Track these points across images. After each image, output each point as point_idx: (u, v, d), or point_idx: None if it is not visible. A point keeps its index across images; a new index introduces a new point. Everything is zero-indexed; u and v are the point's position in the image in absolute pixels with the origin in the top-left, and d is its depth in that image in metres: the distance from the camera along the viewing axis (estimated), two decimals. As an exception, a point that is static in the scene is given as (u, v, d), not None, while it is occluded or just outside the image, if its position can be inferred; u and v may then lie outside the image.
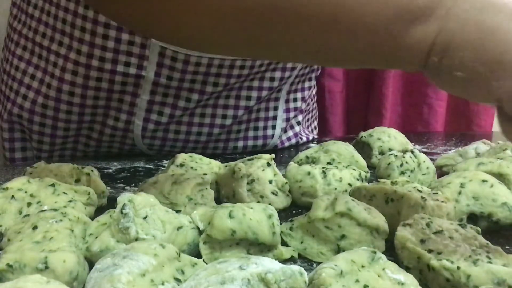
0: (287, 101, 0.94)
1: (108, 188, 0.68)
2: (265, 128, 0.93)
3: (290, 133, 0.98)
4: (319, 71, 1.01)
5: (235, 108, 0.88)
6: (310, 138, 1.05)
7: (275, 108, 0.93)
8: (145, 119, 0.85)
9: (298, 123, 0.99)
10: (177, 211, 0.55)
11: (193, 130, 0.88)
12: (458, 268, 0.44)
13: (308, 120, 1.07)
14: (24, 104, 0.85)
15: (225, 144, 0.92)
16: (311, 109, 1.07)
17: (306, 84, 0.96)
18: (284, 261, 0.51)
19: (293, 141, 0.99)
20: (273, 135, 0.94)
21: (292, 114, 0.95)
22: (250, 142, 0.93)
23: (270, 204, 0.62)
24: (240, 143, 0.93)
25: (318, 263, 0.51)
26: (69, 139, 0.88)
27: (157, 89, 0.82)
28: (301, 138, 1.01)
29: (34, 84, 0.84)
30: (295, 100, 0.95)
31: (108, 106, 0.84)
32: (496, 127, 1.42)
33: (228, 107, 0.88)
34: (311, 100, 1.06)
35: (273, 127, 0.94)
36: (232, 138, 0.92)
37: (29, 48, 0.85)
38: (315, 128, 1.12)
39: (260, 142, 0.93)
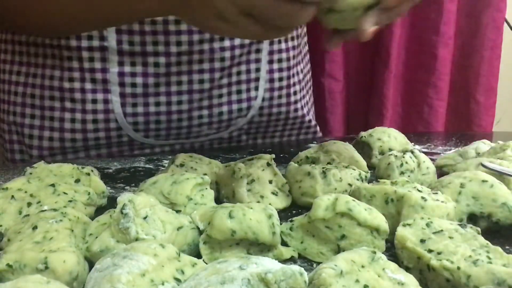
0: (270, 62, 0.95)
1: (108, 188, 0.68)
2: (248, 90, 0.93)
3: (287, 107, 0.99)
4: (300, 30, 1.01)
5: (210, 71, 0.89)
6: (309, 119, 1.05)
7: (257, 70, 0.93)
8: (121, 95, 0.86)
9: (295, 93, 0.99)
10: (177, 211, 0.55)
11: (173, 99, 0.88)
12: (458, 268, 0.44)
13: (303, 96, 1.07)
14: (16, 100, 0.89)
15: (210, 111, 0.92)
16: (309, 84, 1.09)
17: (290, 44, 0.97)
18: (284, 261, 0.51)
19: (292, 113, 1.00)
20: (256, 97, 0.94)
21: (276, 75, 0.96)
22: (235, 106, 0.93)
23: (270, 204, 0.62)
24: (225, 108, 0.93)
25: (318, 263, 0.51)
26: (55, 132, 0.89)
27: (123, 59, 0.84)
28: (304, 116, 1.02)
29: (21, 78, 0.89)
30: (279, 60, 0.96)
31: (83, 89, 0.86)
32: (496, 127, 1.42)
33: (204, 71, 0.88)
34: (308, 74, 1.07)
35: (256, 88, 0.94)
36: (215, 104, 0.92)
37: (10, 50, 0.90)
38: (312, 106, 1.13)
39: (244, 105, 0.94)
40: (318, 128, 1.09)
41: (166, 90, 0.88)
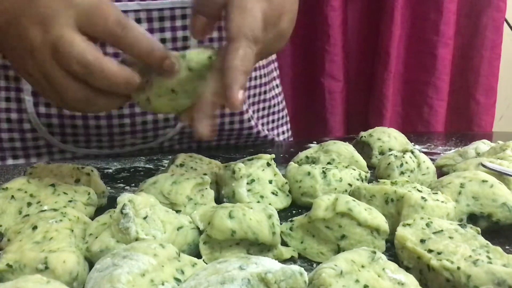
0: None
1: (108, 188, 0.68)
2: None
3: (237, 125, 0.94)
4: None
5: None
6: (270, 137, 1.02)
7: None
8: (33, 93, 0.83)
9: (246, 111, 0.94)
10: (177, 211, 0.55)
11: None
12: (458, 268, 0.44)
13: (273, 121, 1.04)
14: None
15: (132, 120, 0.86)
16: (273, 109, 1.04)
17: None
18: (284, 261, 0.51)
19: (237, 128, 0.94)
20: None
21: None
22: (161, 115, 0.87)
23: (270, 204, 0.62)
24: (149, 117, 0.87)
25: (318, 263, 0.51)
26: None
27: None
28: (258, 132, 0.98)
29: None
30: None
31: None
32: (496, 127, 1.42)
33: None
34: (274, 98, 1.03)
35: None
36: (138, 112, 0.86)
37: None
38: (283, 132, 1.09)
39: (172, 114, 0.85)
40: (270, 136, 1.03)
41: None
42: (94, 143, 0.88)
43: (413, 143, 0.93)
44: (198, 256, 0.49)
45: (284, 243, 0.54)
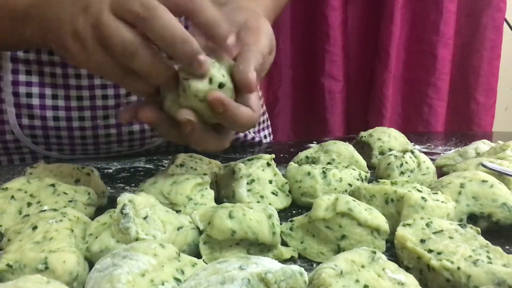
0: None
1: (108, 188, 0.68)
2: None
3: None
4: None
5: (115, 86, 0.82)
6: (257, 139, 1.02)
7: None
8: (16, 105, 0.81)
9: None
10: (177, 211, 0.55)
11: (73, 115, 0.83)
12: (458, 268, 0.44)
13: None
14: None
15: (118, 130, 0.86)
16: None
17: None
18: (284, 261, 0.51)
19: None
20: None
21: None
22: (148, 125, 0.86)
23: (270, 204, 0.62)
24: (136, 127, 0.87)
25: (318, 263, 0.51)
26: None
27: (18, 66, 0.79)
28: (245, 135, 0.98)
29: None
30: None
31: None
32: (496, 127, 1.43)
33: (107, 86, 0.82)
34: None
35: None
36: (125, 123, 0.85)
37: None
38: (265, 136, 1.08)
39: None
40: (258, 138, 1.03)
41: (66, 105, 0.82)
42: (80, 151, 0.88)
43: (413, 143, 0.93)
44: (198, 256, 0.49)
45: (284, 243, 0.54)
